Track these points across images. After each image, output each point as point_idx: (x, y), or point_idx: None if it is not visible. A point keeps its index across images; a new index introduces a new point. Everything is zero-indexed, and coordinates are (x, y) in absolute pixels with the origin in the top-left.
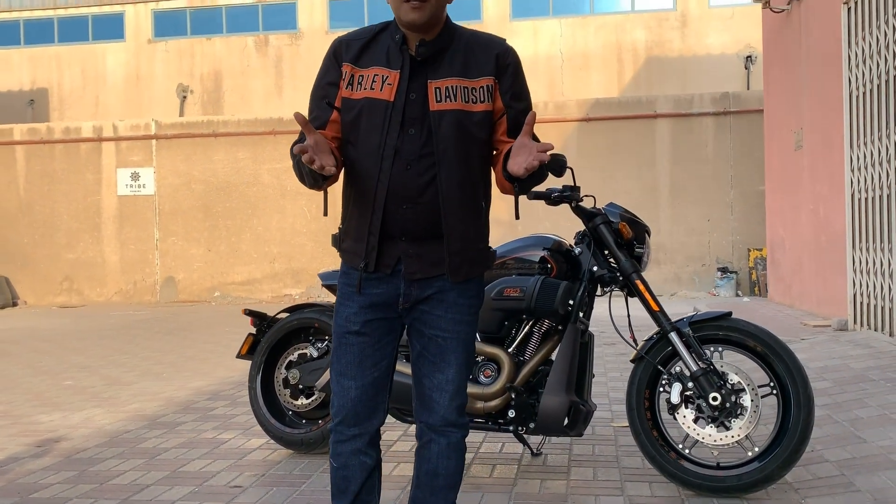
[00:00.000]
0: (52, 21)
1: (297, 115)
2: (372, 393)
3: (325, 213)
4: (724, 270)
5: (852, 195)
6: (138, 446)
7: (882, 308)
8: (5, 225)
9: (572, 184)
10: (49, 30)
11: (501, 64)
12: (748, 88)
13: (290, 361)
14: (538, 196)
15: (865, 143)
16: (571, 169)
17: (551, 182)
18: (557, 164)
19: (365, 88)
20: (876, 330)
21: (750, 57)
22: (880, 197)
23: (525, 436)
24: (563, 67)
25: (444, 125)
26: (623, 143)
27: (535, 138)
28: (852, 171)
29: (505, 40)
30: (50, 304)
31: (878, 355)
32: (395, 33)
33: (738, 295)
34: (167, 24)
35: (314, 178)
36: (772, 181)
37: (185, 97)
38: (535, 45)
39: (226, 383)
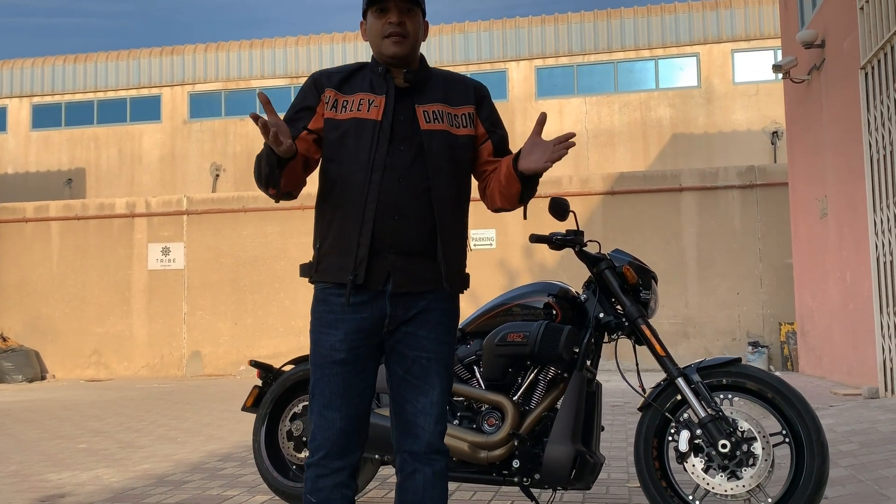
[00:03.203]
0: (93, 103)
1: (261, 95)
2: (356, 424)
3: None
4: (755, 345)
5: (877, 259)
6: (142, 502)
7: None
8: (38, 299)
9: (576, 228)
10: (89, 112)
11: (479, 96)
12: (775, 163)
13: (295, 413)
14: (541, 240)
15: (888, 206)
16: (574, 213)
17: (553, 226)
18: (560, 208)
19: (351, 110)
20: None
21: (776, 132)
22: None
23: (534, 491)
24: (589, 144)
25: (435, 143)
26: (649, 216)
27: None
28: (876, 234)
29: (473, 79)
30: (78, 377)
31: None
32: (377, 67)
33: (769, 369)
34: (202, 106)
35: (270, 168)
36: (799, 251)
37: (217, 175)
38: (560, 122)
39: (239, 447)
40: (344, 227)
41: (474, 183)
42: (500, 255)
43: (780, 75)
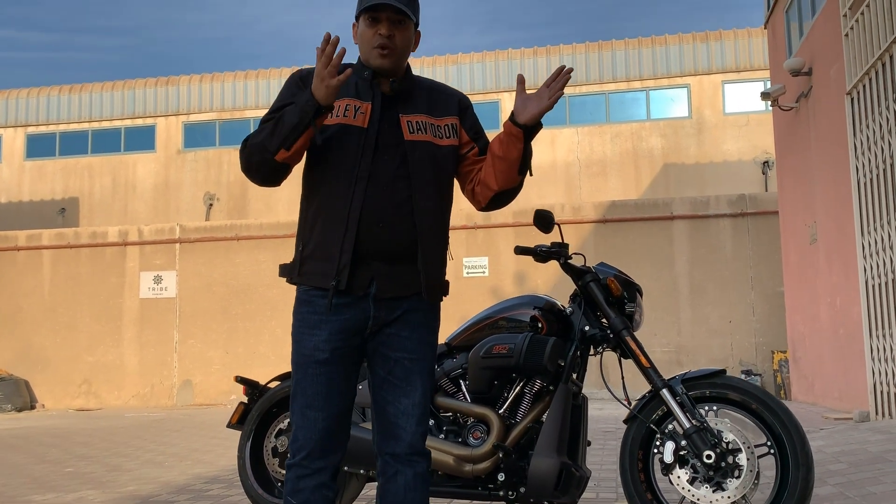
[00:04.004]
0: (87, 133)
1: (327, 34)
2: (338, 424)
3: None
4: (747, 373)
5: (866, 282)
6: None
7: None
8: (29, 328)
9: (560, 240)
10: (83, 141)
11: (462, 106)
12: (766, 192)
13: (280, 430)
14: (526, 251)
15: (875, 229)
16: (559, 225)
17: (538, 238)
18: (545, 220)
19: (337, 116)
20: None
21: (767, 162)
22: (893, 281)
23: None
24: (581, 174)
25: (418, 154)
26: (640, 244)
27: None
28: (864, 257)
29: (457, 90)
30: (67, 406)
31: None
32: (364, 71)
33: None
34: (197, 135)
35: (301, 119)
36: (790, 277)
37: (211, 205)
38: (552, 152)
39: (227, 470)
40: (327, 233)
41: (457, 192)
42: (493, 282)
43: (769, 103)
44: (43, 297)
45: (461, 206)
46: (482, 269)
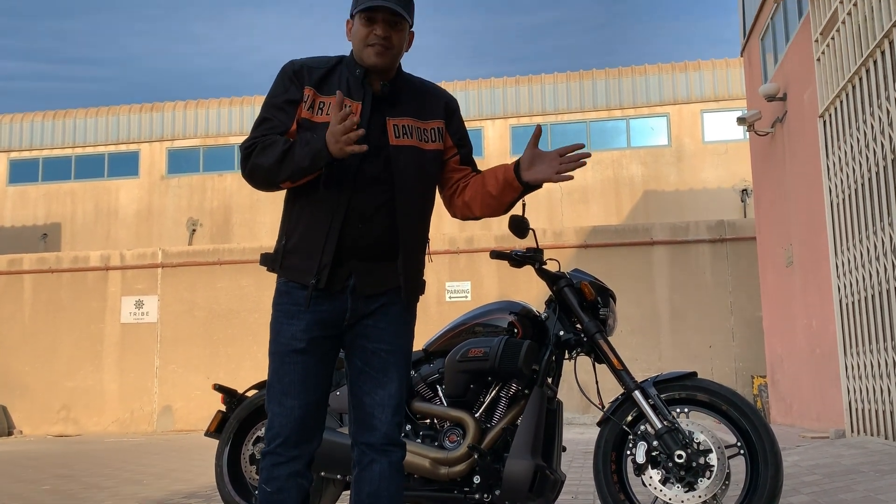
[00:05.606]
0: (70, 159)
1: (340, 94)
2: (314, 412)
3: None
4: None
5: (840, 301)
6: None
7: (877, 411)
8: (7, 353)
9: (535, 246)
10: (66, 167)
11: (449, 110)
12: (745, 218)
13: (258, 437)
14: (501, 256)
15: (848, 248)
16: (534, 231)
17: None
18: (520, 226)
19: (328, 114)
20: (872, 435)
21: (745, 190)
22: (866, 298)
23: None
24: (563, 200)
25: (403, 158)
26: (621, 269)
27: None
28: (838, 276)
29: (446, 91)
30: (46, 433)
31: (870, 454)
32: (355, 68)
33: None
34: (181, 161)
35: (312, 163)
36: (767, 300)
37: (194, 230)
38: None
39: (205, 486)
40: (310, 230)
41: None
42: (475, 306)
43: (746, 129)
44: (23, 322)
45: (444, 231)
46: (464, 294)
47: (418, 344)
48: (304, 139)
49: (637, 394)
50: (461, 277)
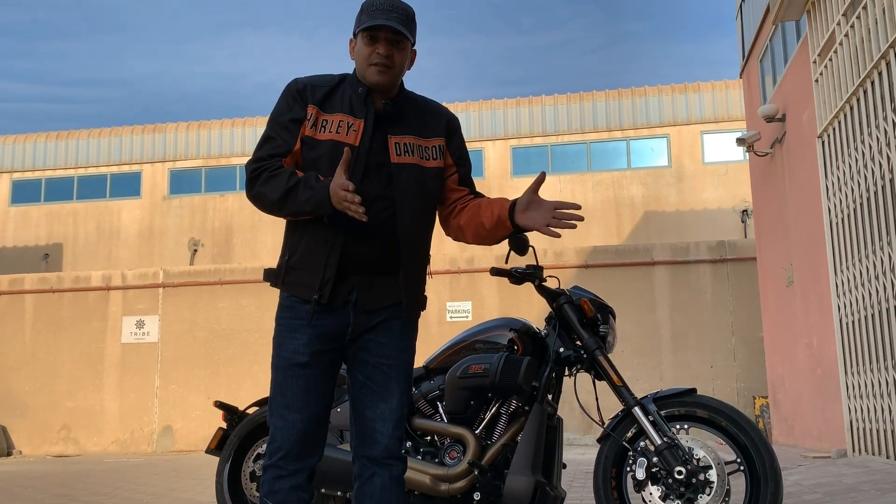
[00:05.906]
0: (73, 179)
1: (348, 152)
2: (316, 426)
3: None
4: None
5: (840, 320)
6: None
7: (878, 431)
8: (8, 373)
9: (535, 263)
10: (68, 188)
11: (451, 128)
12: (745, 238)
13: (259, 454)
14: (501, 273)
15: (848, 268)
16: (534, 248)
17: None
18: (520, 243)
19: (330, 132)
20: (874, 454)
21: (746, 211)
22: (866, 317)
23: None
24: None
25: (404, 176)
26: (622, 289)
27: None
28: (838, 296)
29: (448, 109)
30: (46, 453)
31: (872, 472)
32: (358, 87)
33: None
34: (182, 182)
35: (314, 209)
36: (768, 320)
37: (195, 250)
38: None
39: None
40: (313, 247)
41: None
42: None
43: (745, 149)
44: (24, 341)
45: (444, 251)
46: (465, 314)
47: (419, 361)
48: (309, 183)
49: (637, 410)
50: (462, 297)
